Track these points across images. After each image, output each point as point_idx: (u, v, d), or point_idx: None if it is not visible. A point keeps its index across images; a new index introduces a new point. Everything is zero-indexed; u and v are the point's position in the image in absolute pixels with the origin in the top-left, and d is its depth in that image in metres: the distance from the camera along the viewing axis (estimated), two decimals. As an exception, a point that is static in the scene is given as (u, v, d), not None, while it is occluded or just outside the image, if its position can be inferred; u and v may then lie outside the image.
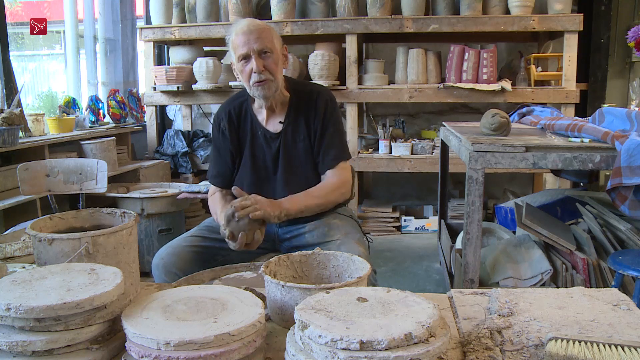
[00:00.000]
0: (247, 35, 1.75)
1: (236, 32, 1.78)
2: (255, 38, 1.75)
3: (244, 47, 1.75)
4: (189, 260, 1.77)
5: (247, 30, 1.76)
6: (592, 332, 0.98)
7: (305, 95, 1.90)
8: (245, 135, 1.92)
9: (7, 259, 1.83)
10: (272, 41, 1.79)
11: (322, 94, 1.90)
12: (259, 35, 1.75)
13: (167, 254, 1.76)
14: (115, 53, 4.71)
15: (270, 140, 1.89)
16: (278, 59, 1.81)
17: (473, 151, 2.06)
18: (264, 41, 1.76)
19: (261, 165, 1.90)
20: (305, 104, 1.88)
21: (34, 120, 3.36)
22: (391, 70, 4.12)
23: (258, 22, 1.80)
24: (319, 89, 1.94)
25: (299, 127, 1.88)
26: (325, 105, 1.88)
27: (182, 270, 1.72)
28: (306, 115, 1.88)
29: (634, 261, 1.99)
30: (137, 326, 0.90)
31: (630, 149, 1.92)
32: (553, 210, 2.85)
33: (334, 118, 1.90)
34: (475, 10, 3.76)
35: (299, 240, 1.87)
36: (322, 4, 4.02)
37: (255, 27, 1.76)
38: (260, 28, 1.78)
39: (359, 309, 0.92)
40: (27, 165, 2.53)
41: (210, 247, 1.83)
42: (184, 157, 4.20)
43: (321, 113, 1.87)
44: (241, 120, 1.92)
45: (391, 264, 3.52)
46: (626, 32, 3.04)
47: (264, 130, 1.89)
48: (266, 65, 1.77)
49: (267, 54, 1.77)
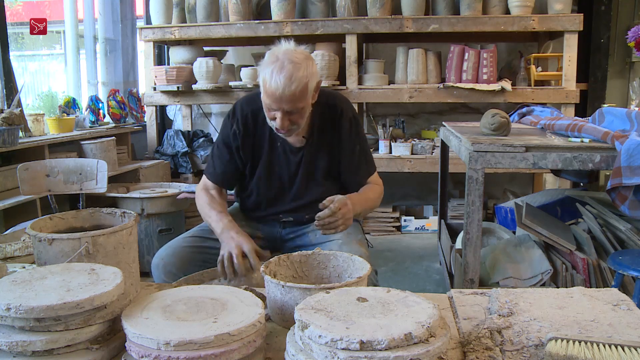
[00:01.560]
0: (280, 97, 1.58)
1: (270, 86, 1.58)
2: (288, 100, 1.59)
3: (274, 104, 1.61)
4: (189, 261, 1.76)
5: (282, 94, 1.57)
6: (592, 332, 0.98)
7: (329, 110, 1.81)
8: (262, 143, 1.83)
9: (7, 259, 1.83)
10: (306, 98, 1.63)
11: (346, 112, 1.82)
12: (292, 100, 1.59)
13: (166, 254, 1.76)
14: (115, 53, 4.71)
15: (289, 153, 1.83)
16: (307, 110, 1.68)
17: (473, 151, 2.06)
18: (297, 102, 1.61)
19: (277, 177, 1.85)
20: (329, 122, 1.81)
21: (34, 120, 3.36)
22: (391, 70, 4.12)
23: (295, 86, 1.57)
24: (342, 105, 1.83)
25: (322, 144, 1.82)
26: (350, 124, 1.82)
27: (182, 271, 1.71)
28: (330, 133, 1.82)
29: (634, 261, 1.99)
30: (137, 326, 0.90)
31: (630, 149, 1.92)
32: (553, 210, 2.85)
33: (359, 136, 1.86)
34: (475, 10, 3.76)
35: (302, 240, 1.88)
36: (322, 4, 4.02)
37: (291, 93, 1.57)
38: (296, 94, 1.58)
39: (359, 309, 0.92)
40: (27, 165, 2.53)
41: (210, 248, 1.83)
42: (184, 157, 4.20)
43: (346, 133, 1.81)
44: (258, 127, 1.81)
45: (391, 264, 3.52)
46: (626, 32, 3.04)
47: (284, 142, 1.82)
48: (292, 120, 1.65)
49: (296, 112, 1.64)
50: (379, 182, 1.92)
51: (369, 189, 1.86)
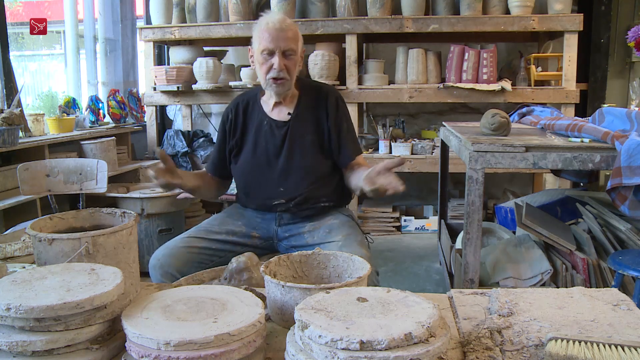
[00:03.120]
0: (277, 32, 1.78)
1: (267, 24, 1.80)
2: (284, 37, 1.79)
3: (271, 43, 1.78)
4: (186, 261, 1.77)
5: (279, 27, 1.79)
6: (592, 332, 0.98)
7: (314, 91, 1.95)
8: (251, 124, 1.95)
9: (7, 259, 1.83)
10: (298, 43, 1.84)
11: (332, 92, 1.95)
12: (288, 35, 1.79)
13: (163, 255, 1.76)
14: (115, 53, 4.71)
15: (275, 128, 1.91)
16: (297, 61, 1.86)
17: (473, 151, 2.06)
18: (291, 42, 1.80)
19: (263, 152, 1.91)
20: (315, 100, 1.92)
21: (34, 120, 3.36)
22: (391, 70, 4.12)
23: (289, 22, 1.83)
24: (327, 87, 2.00)
25: (308, 120, 1.90)
26: (336, 103, 1.93)
27: (179, 272, 1.72)
28: (316, 110, 1.91)
29: (634, 261, 1.99)
30: (137, 326, 0.90)
31: (630, 149, 1.92)
32: (553, 210, 2.85)
33: (346, 115, 1.97)
34: (475, 10, 3.76)
35: (297, 240, 1.87)
36: (322, 4, 4.02)
37: (287, 26, 1.80)
38: (291, 28, 1.81)
39: (359, 309, 0.92)
40: (27, 165, 2.53)
41: (207, 248, 1.83)
42: (184, 157, 4.20)
43: (333, 111, 1.91)
44: (248, 111, 1.96)
45: (391, 264, 3.52)
46: (626, 32, 3.04)
47: (270, 119, 1.92)
48: (287, 65, 1.81)
49: (290, 55, 1.81)
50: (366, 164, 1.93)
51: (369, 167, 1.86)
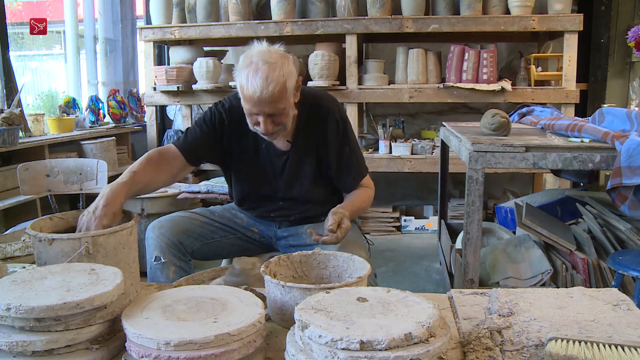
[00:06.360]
0: (259, 99, 1.53)
1: (246, 88, 1.54)
2: (268, 102, 1.54)
3: (254, 107, 1.57)
4: (185, 229, 1.80)
5: (259, 97, 1.52)
6: (592, 332, 0.98)
7: (315, 112, 1.76)
8: (246, 142, 1.80)
9: (7, 259, 1.83)
10: (285, 100, 1.58)
11: (332, 112, 1.77)
12: (272, 99, 1.54)
13: (164, 218, 1.82)
14: (115, 53, 4.71)
15: (274, 155, 1.80)
16: (290, 110, 1.63)
17: (473, 151, 2.06)
18: (277, 104, 1.56)
19: (262, 179, 1.84)
20: (315, 125, 1.77)
21: (34, 120, 3.36)
22: (391, 70, 4.12)
23: (272, 86, 1.52)
24: (328, 105, 1.79)
25: (308, 147, 1.78)
26: (337, 126, 1.77)
27: (175, 237, 1.76)
28: (316, 137, 1.78)
29: (634, 261, 1.99)
30: (137, 326, 0.90)
31: (630, 149, 1.92)
32: (553, 210, 2.85)
33: (347, 138, 1.80)
34: (475, 10, 3.76)
35: (295, 239, 1.88)
36: (322, 4, 4.02)
37: (269, 95, 1.52)
38: (274, 94, 1.53)
39: (359, 309, 0.92)
40: (27, 165, 2.53)
41: (209, 225, 1.88)
42: (184, 157, 4.19)
43: (334, 137, 1.77)
44: (243, 126, 1.73)
45: (391, 264, 3.52)
46: (626, 32, 3.04)
47: (269, 145, 1.79)
48: (275, 122, 1.61)
49: (279, 113, 1.59)
50: (370, 185, 1.87)
51: (362, 194, 1.82)
